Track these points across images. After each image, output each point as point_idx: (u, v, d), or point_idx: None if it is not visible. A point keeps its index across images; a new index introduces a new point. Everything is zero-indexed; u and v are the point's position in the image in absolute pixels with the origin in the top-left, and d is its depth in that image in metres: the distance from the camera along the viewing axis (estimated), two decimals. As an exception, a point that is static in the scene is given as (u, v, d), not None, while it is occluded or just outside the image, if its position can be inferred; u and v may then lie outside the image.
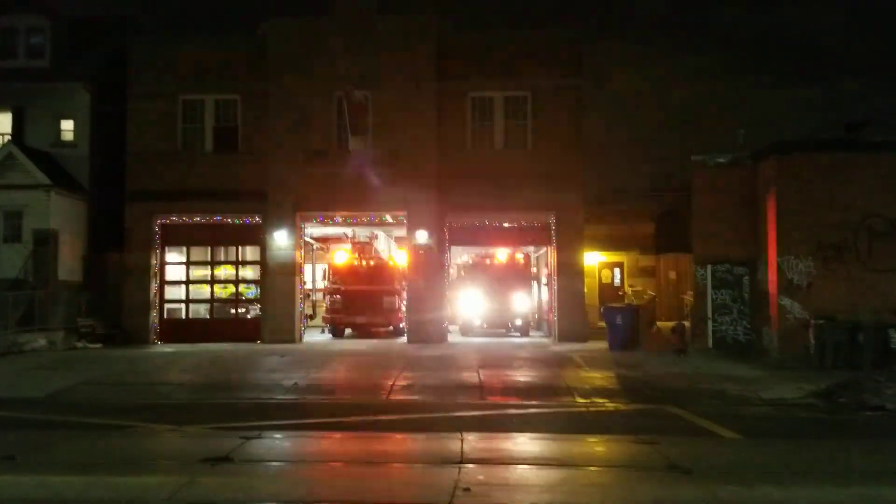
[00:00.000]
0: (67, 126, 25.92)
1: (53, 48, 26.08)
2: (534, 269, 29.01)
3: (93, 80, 25.52)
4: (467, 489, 7.33)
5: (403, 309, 24.90)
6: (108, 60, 25.58)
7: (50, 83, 25.50)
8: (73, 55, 25.85)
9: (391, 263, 27.29)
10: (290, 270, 23.74)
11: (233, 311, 25.58)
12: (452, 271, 27.84)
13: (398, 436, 10.49)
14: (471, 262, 28.16)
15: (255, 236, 24.20)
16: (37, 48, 26.05)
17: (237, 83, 24.07)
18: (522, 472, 8.27)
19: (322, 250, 32.14)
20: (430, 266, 23.63)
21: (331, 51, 23.43)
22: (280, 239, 23.59)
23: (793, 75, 23.94)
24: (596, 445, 9.92)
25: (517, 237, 26.23)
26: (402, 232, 25.32)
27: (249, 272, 25.62)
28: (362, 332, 25.84)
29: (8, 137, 25.39)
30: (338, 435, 10.44)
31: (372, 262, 27.24)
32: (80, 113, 25.69)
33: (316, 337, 26.04)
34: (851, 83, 23.57)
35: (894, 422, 11.70)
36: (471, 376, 15.87)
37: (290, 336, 23.38)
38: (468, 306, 26.35)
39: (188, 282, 25.26)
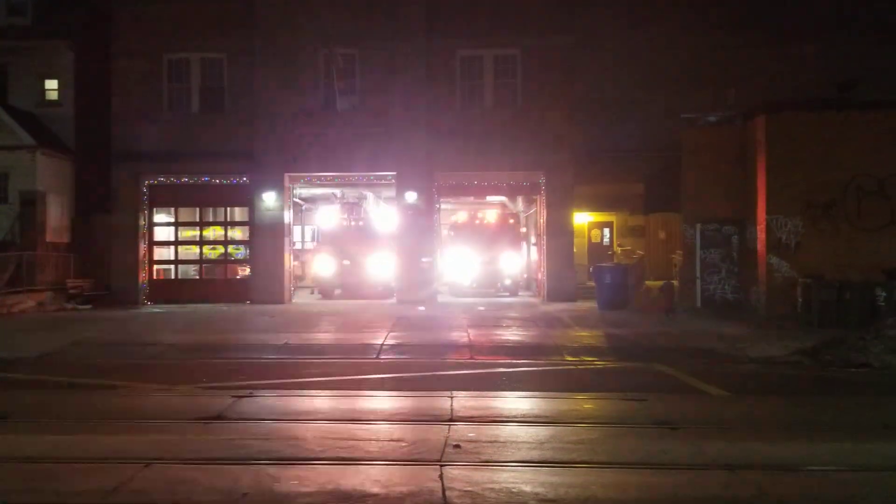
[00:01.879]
0: (52, 85, 25.62)
1: (35, 4, 25.61)
2: (523, 229, 29.02)
3: (77, 38, 25.17)
4: (457, 446, 7.41)
5: (393, 269, 24.86)
6: (91, 17, 25.19)
7: (33, 41, 25.14)
8: (56, 12, 25.42)
9: (380, 224, 27.22)
10: (279, 231, 23.68)
11: (222, 271, 25.53)
12: (442, 231, 27.80)
13: (388, 394, 10.56)
14: (460, 222, 28.13)
15: (244, 197, 24.07)
16: (19, 5, 25.56)
17: (223, 42, 23.68)
18: (512, 429, 8.34)
19: (311, 211, 32.03)
20: (420, 226, 23.61)
21: (318, 9, 23.14)
22: (268, 199, 23.48)
23: (785, 33, 23.81)
24: (584, 403, 10.01)
25: (507, 196, 26.15)
26: (391, 192, 25.25)
27: (238, 233, 25.53)
28: (352, 292, 25.80)
29: (-9, 97, 25.09)
30: (328, 394, 10.50)
31: (361, 223, 27.20)
32: (65, 72, 25.38)
33: (305, 298, 26.07)
34: (845, 42, 23.41)
35: (879, 378, 11.84)
36: (460, 336, 15.96)
37: (279, 296, 23.39)
38: (458, 266, 26.36)
39: (177, 242, 25.17)
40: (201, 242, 25.27)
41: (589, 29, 24.40)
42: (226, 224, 25.63)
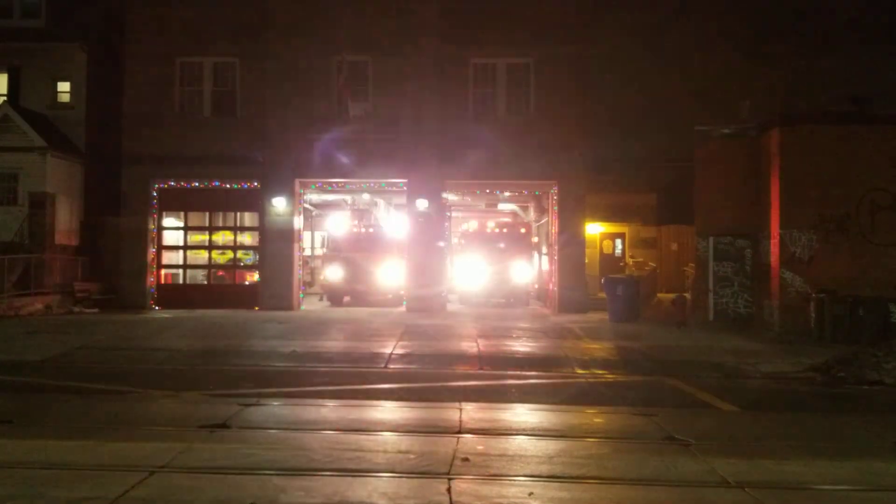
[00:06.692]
0: (64, 87, 25.68)
1: (49, 7, 25.67)
2: (534, 239, 28.92)
3: (89, 41, 25.19)
4: (466, 459, 7.31)
5: (403, 277, 24.75)
6: (105, 20, 25.22)
7: (46, 43, 25.16)
8: (69, 14, 25.49)
9: (390, 231, 27.15)
10: (289, 237, 23.63)
11: (230, 277, 25.48)
12: (453, 240, 27.70)
13: (396, 405, 10.45)
14: (471, 230, 28.04)
15: (254, 202, 24.03)
16: (32, 7, 25.62)
17: (236, 46, 23.68)
18: (521, 442, 8.23)
19: (321, 217, 32.00)
20: (430, 234, 23.53)
21: (331, 15, 23.13)
22: (279, 205, 23.44)
23: (801, 46, 23.62)
24: (594, 417, 9.89)
25: (518, 205, 26.00)
26: (402, 199, 25.17)
27: (248, 238, 25.47)
28: (361, 299, 25.72)
29: (3, 98, 25.13)
30: (336, 403, 10.40)
31: (371, 230, 27.12)
32: (77, 74, 25.41)
33: (314, 304, 25.99)
34: (862, 55, 23.26)
35: (892, 396, 11.69)
36: (470, 346, 15.84)
37: (288, 303, 23.32)
38: (468, 275, 26.25)
39: (186, 247, 25.13)
40: (210, 247, 25.23)
41: (603, 38, 24.29)
42: (235, 229, 25.58)
